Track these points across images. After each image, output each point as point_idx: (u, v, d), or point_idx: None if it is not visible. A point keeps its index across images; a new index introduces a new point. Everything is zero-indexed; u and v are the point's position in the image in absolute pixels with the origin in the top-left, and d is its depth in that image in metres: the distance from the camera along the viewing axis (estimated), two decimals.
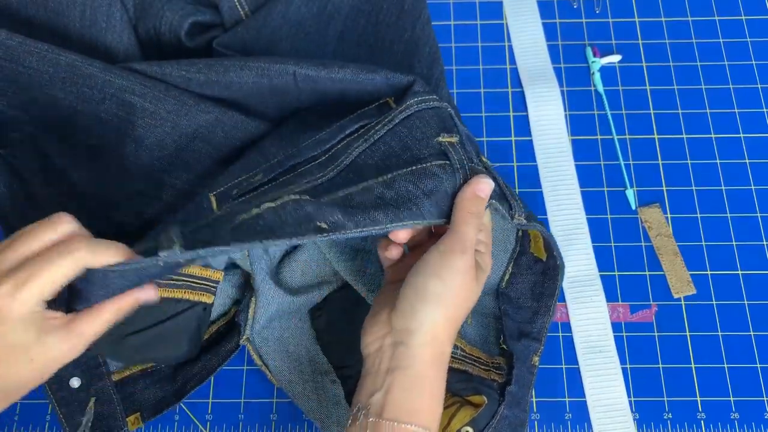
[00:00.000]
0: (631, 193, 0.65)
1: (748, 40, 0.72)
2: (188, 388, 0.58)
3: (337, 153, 0.51)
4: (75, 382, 0.55)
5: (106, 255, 0.42)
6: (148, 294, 0.45)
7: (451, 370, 0.55)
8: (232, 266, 0.61)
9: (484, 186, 0.47)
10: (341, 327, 0.58)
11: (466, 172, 0.48)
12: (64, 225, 0.43)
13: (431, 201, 0.47)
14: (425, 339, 0.44)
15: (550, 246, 0.54)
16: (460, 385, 0.54)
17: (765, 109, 0.69)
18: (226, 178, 0.53)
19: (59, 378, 0.55)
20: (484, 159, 0.53)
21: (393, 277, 0.51)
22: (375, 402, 0.43)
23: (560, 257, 0.54)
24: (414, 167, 0.48)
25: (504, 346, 0.57)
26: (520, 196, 0.53)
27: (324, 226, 0.45)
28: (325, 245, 0.59)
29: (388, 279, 0.52)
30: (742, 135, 0.67)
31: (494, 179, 0.50)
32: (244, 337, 0.58)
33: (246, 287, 0.60)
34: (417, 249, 0.51)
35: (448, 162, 0.48)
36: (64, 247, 0.41)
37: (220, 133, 0.58)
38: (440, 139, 0.49)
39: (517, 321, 0.58)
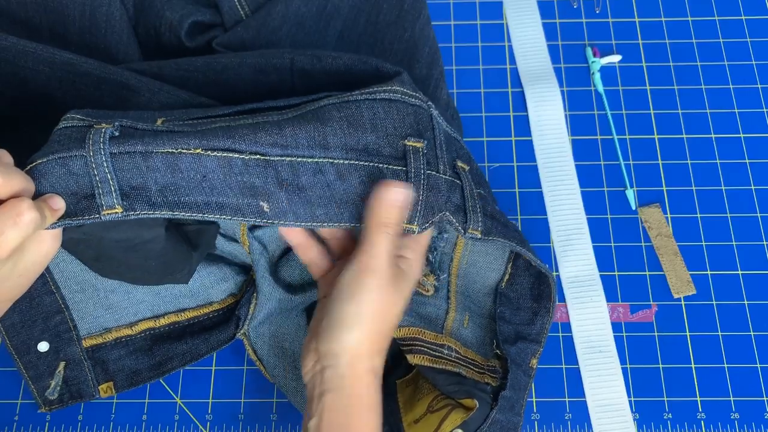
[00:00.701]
0: (631, 193, 0.65)
1: (748, 40, 0.72)
2: (169, 367, 0.57)
3: (302, 105, 0.49)
4: (43, 346, 0.56)
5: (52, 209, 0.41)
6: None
7: (445, 372, 0.55)
8: (223, 259, 0.61)
9: (394, 195, 0.45)
10: None
11: (420, 182, 0.47)
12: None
13: None
14: (349, 359, 0.44)
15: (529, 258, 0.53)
16: (452, 387, 0.54)
17: (765, 109, 0.69)
18: (182, 111, 0.51)
19: (25, 342, 0.56)
20: (460, 164, 0.52)
21: (324, 291, 0.50)
22: (312, 428, 0.44)
23: (542, 267, 0.54)
24: (369, 163, 0.47)
25: (498, 351, 0.57)
26: (498, 205, 0.52)
27: (267, 209, 0.45)
28: None
29: (320, 294, 0.51)
30: (742, 135, 0.67)
31: (460, 189, 0.49)
32: (242, 331, 0.58)
33: (248, 282, 0.60)
34: (343, 259, 0.51)
35: (404, 169, 0.47)
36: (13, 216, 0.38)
37: None
38: (406, 141, 0.48)
39: (514, 323, 0.58)
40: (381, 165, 0.47)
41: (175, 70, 0.59)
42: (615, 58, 0.70)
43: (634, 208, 0.65)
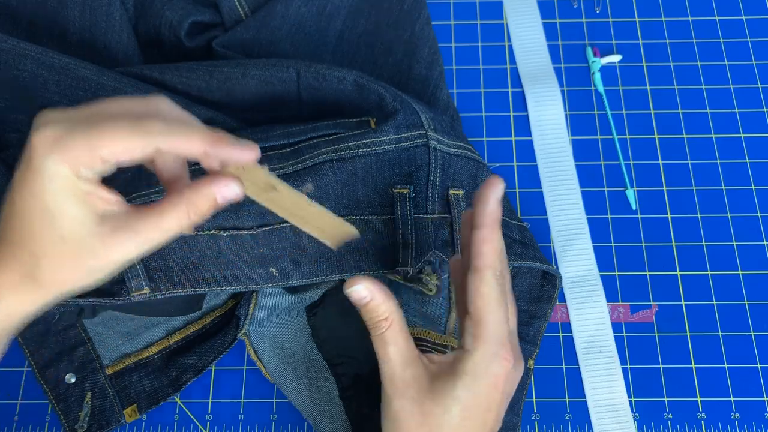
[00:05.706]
0: (631, 193, 0.65)
1: (748, 40, 0.72)
2: (184, 380, 0.58)
3: (303, 150, 0.52)
4: (70, 378, 0.57)
5: (181, 141, 0.34)
6: (229, 189, 0.36)
7: None
8: None
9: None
10: (337, 324, 0.58)
11: (408, 228, 0.50)
12: (158, 103, 0.35)
13: (369, 255, 0.50)
14: None
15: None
16: None
17: (765, 109, 0.69)
18: None
19: (55, 376, 0.57)
20: (452, 192, 0.53)
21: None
22: None
23: (550, 268, 0.55)
24: (361, 216, 0.50)
25: None
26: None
27: (276, 274, 0.49)
28: None
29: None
30: (742, 135, 0.67)
31: (449, 223, 0.50)
32: (242, 331, 0.58)
33: None
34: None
35: (391, 217, 0.50)
36: (139, 118, 0.33)
37: None
38: (394, 189, 0.51)
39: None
40: (371, 216, 0.50)
41: (177, 76, 0.59)
42: (615, 58, 0.70)
43: (634, 208, 0.65)
